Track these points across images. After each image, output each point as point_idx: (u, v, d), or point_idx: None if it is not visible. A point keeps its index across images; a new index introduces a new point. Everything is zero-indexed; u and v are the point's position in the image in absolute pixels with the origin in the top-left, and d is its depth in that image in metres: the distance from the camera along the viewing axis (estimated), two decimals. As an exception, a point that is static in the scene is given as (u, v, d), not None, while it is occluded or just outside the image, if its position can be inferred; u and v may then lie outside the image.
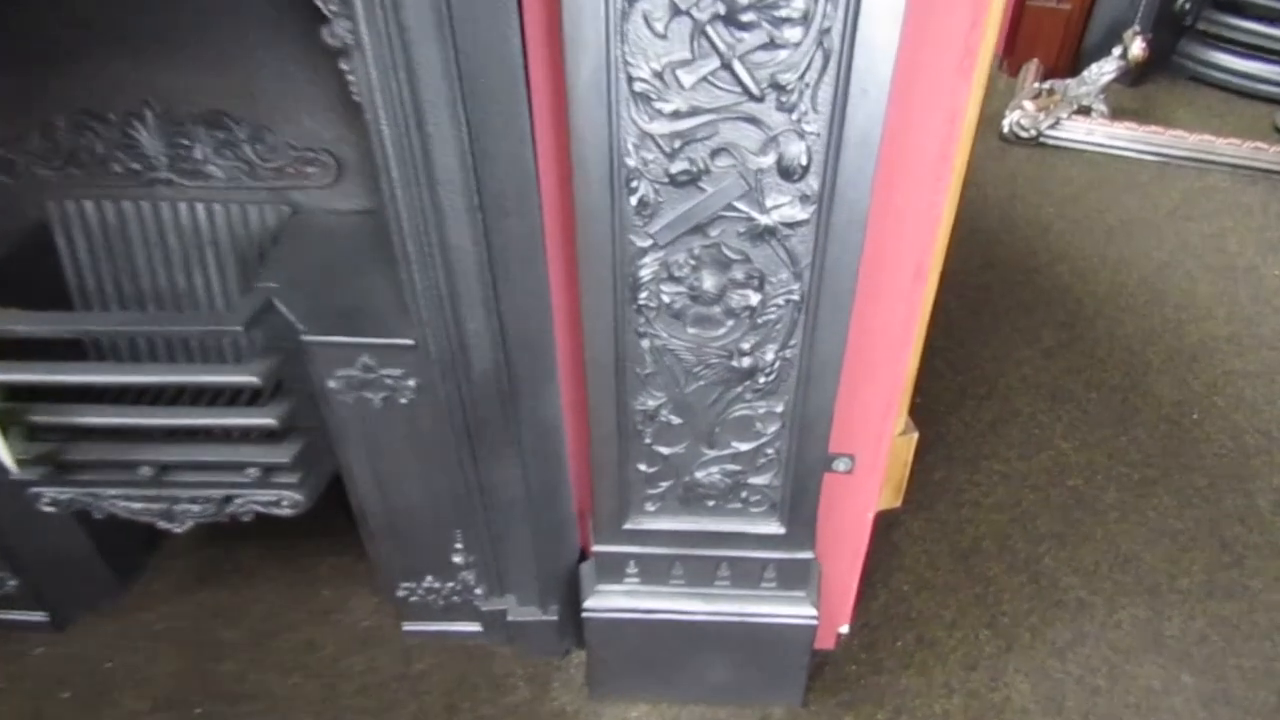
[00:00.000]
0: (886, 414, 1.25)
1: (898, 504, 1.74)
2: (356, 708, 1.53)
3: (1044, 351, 2.25)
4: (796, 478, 1.20)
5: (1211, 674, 1.55)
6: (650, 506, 1.26)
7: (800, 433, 1.15)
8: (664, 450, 1.18)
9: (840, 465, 1.29)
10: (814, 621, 1.36)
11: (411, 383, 1.22)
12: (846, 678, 1.56)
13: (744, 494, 1.24)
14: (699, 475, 1.21)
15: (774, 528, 1.27)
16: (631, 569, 1.34)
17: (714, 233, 0.96)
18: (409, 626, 1.60)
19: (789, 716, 1.50)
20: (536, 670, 1.57)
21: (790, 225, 0.96)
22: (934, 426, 2.00)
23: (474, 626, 1.59)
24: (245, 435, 1.40)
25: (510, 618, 1.52)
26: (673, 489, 1.23)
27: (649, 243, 0.98)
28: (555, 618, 1.52)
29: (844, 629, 1.58)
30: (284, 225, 1.37)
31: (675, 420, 1.15)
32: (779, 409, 1.13)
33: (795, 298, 1.02)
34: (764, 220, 0.95)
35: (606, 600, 1.36)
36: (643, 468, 1.21)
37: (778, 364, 1.08)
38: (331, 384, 1.22)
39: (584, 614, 1.37)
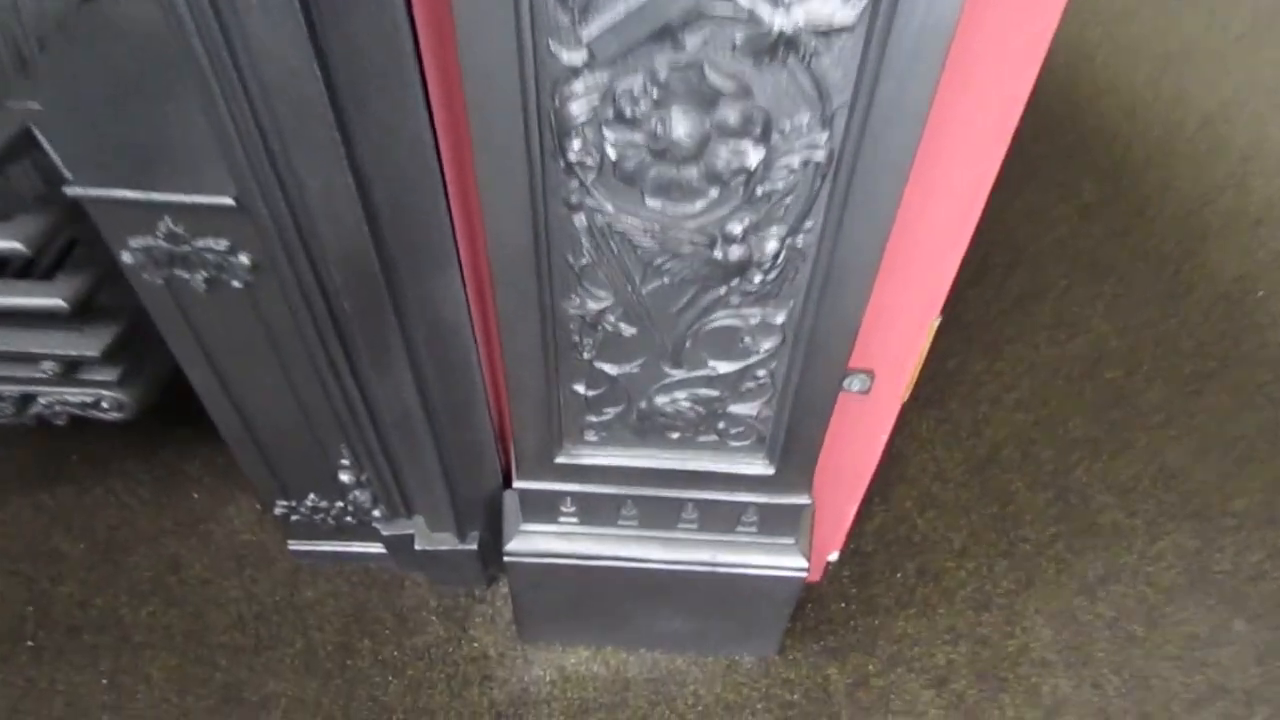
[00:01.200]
0: (925, 316, 0.89)
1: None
2: (228, 645, 1.23)
3: (1082, 209, 1.87)
4: (796, 407, 0.85)
5: (1269, 620, 1.29)
6: (592, 436, 0.91)
7: (807, 352, 0.79)
8: (610, 369, 0.83)
9: (854, 384, 0.94)
10: (803, 574, 1.05)
11: (243, 260, 0.84)
12: (832, 618, 1.28)
13: (721, 425, 0.89)
14: (660, 401, 0.86)
15: (760, 467, 0.93)
16: (568, 507, 1.01)
17: (691, 43, 0.57)
18: (296, 545, 1.29)
19: (761, 667, 1.23)
20: (454, 604, 1.27)
21: (824, 32, 0.56)
22: (948, 303, 1.65)
23: (376, 548, 1.27)
24: (43, 320, 1.01)
25: (419, 545, 1.20)
26: (623, 417, 0.89)
27: (582, 57, 0.58)
28: (474, 546, 1.20)
29: (833, 556, 1.29)
30: (68, 17, 0.93)
31: (627, 330, 0.78)
32: (778, 319, 0.77)
33: (819, 156, 0.64)
34: (778, 22, 0.56)
35: (534, 543, 1.04)
36: (580, 389, 0.85)
37: (783, 256, 0.71)
38: (126, 257, 0.83)
39: (506, 557, 1.05)
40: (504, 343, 0.80)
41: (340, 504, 1.19)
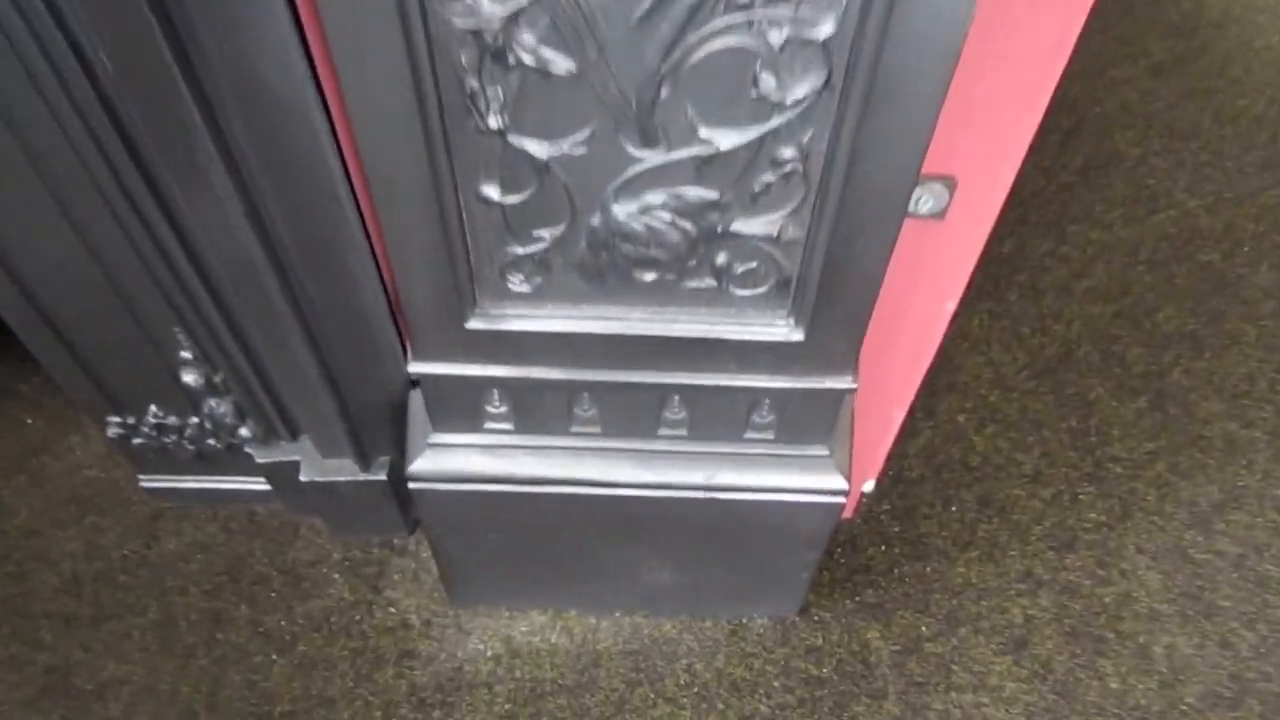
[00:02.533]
0: (1035, 96, 0.56)
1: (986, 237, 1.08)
2: (56, 616, 0.91)
3: (1152, 70, 1.53)
4: (843, 220, 0.52)
5: None
6: (519, 283, 0.59)
7: (867, 104, 0.46)
8: (536, 149, 0.50)
9: (925, 201, 0.61)
10: (840, 499, 0.73)
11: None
12: (870, 566, 0.96)
13: (722, 257, 0.56)
14: (621, 214, 0.53)
15: (781, 330, 0.61)
16: (496, 405, 0.68)
17: None
18: (150, 481, 0.96)
19: (777, 632, 0.92)
20: (364, 557, 0.95)
21: None
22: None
23: (261, 484, 0.95)
24: None
25: (305, 475, 0.87)
26: (565, 245, 0.56)
27: None
28: (384, 476, 0.88)
29: (868, 486, 0.97)
30: None
31: (557, 62, 0.45)
32: (821, 30, 0.44)
33: None
34: None
35: (448, 461, 0.72)
36: (492, 194, 0.52)
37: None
38: None
39: (410, 483, 0.73)
40: (347, 98, 0.47)
41: (195, 420, 0.86)
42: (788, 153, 0.50)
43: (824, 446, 0.71)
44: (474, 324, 0.61)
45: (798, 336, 0.61)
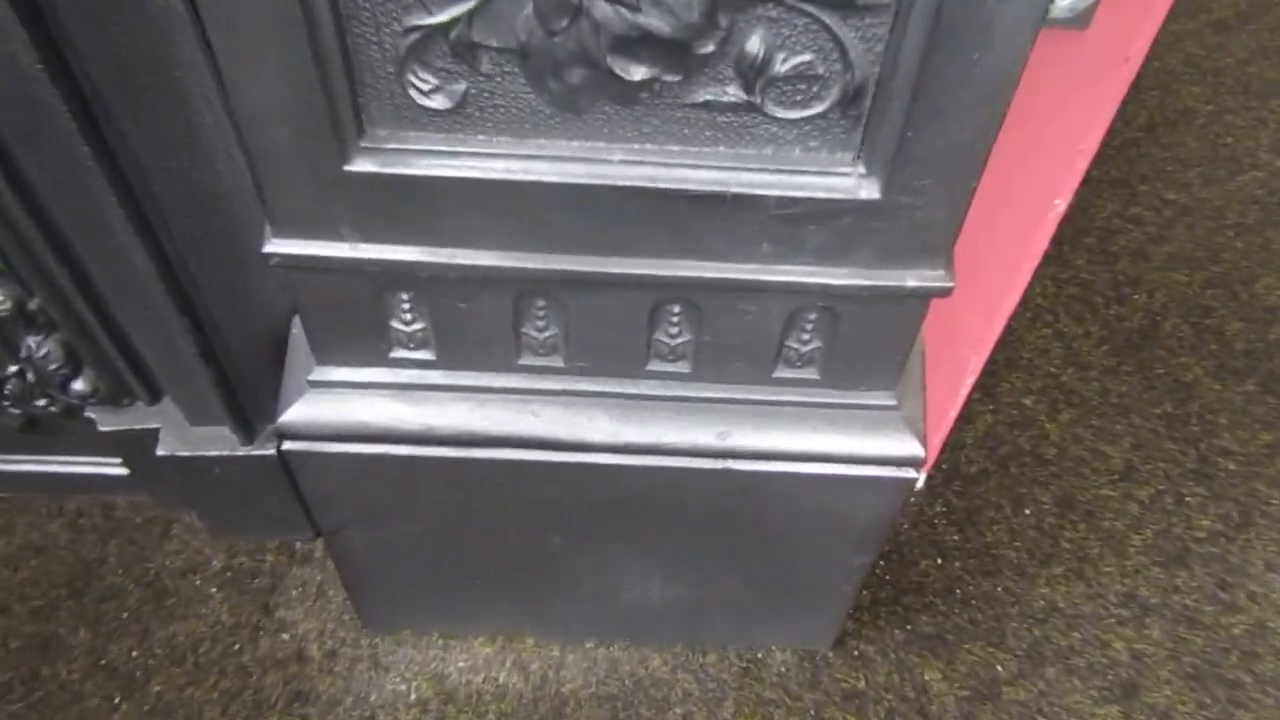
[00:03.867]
0: None
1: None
2: None
3: (1215, 25, 1.35)
4: None
5: None
6: (425, 86, 0.36)
7: None
8: None
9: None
10: (912, 474, 0.51)
11: None
12: (925, 585, 0.74)
13: (754, 43, 0.34)
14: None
15: (845, 177, 0.39)
16: (406, 320, 0.46)
17: None
18: (-28, 465, 0.72)
19: (803, 672, 0.68)
20: (252, 566, 0.72)
21: None
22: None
23: (112, 466, 0.71)
24: None
25: (165, 449, 0.64)
26: (499, 8, 0.33)
27: None
28: (274, 451, 0.65)
29: (919, 479, 0.74)
30: None
31: None
32: None
33: None
34: None
35: (335, 408, 0.49)
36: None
37: None
38: None
39: (283, 445, 0.50)
40: None
41: (14, 369, 0.63)
42: None
43: (889, 394, 0.49)
44: (359, 165, 0.38)
45: (870, 192, 0.39)
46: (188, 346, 0.57)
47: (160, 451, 0.64)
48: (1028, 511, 0.78)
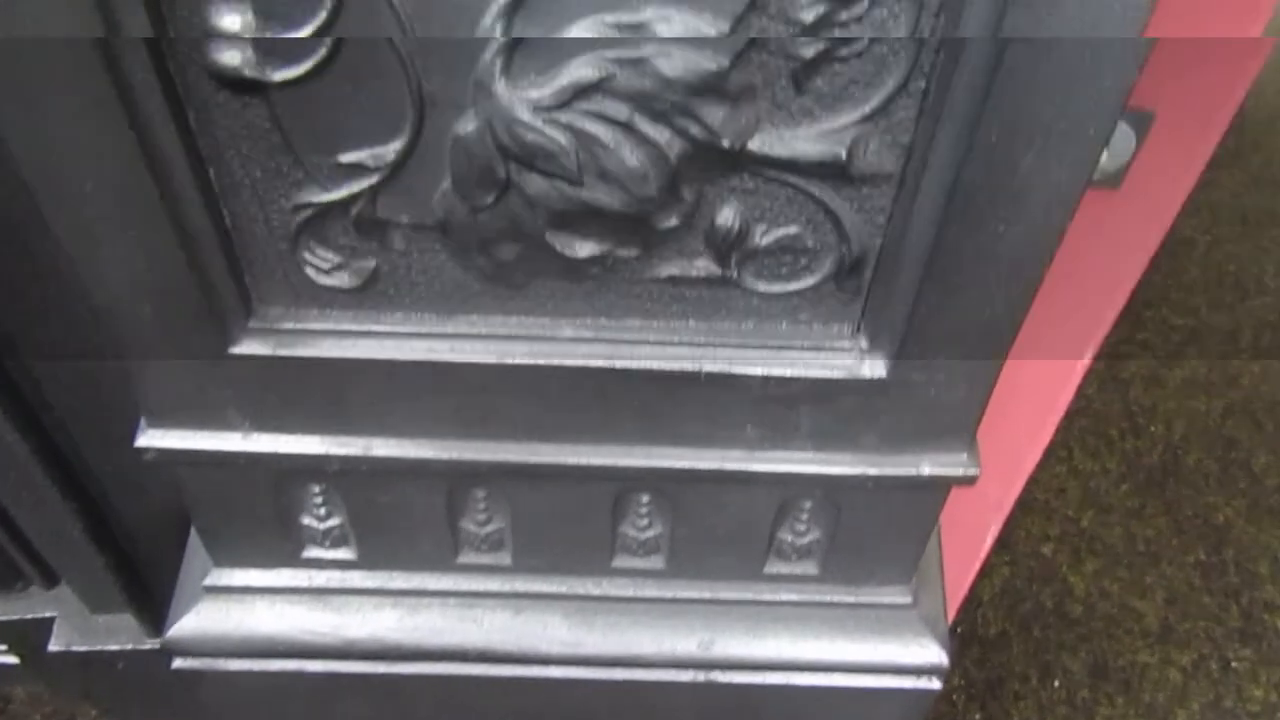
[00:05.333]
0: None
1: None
2: None
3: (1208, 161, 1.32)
4: (983, 136, 0.24)
5: None
6: (324, 264, 0.29)
7: None
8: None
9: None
10: (933, 684, 0.42)
11: None
12: (946, 774, 0.64)
13: (727, 215, 0.28)
14: (516, 103, 0.25)
15: (842, 355, 0.31)
16: (320, 516, 0.38)
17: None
18: None
19: None
20: (161, 769, 0.61)
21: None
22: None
23: (3, 654, 0.61)
24: None
25: (58, 645, 0.55)
26: (409, 176, 0.27)
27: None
28: (187, 642, 0.55)
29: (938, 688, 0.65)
30: None
31: None
32: None
33: None
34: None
35: (234, 618, 0.40)
36: (231, 60, 0.24)
37: None
38: None
39: (174, 663, 0.41)
40: None
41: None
42: None
43: (902, 589, 0.41)
44: (247, 347, 0.31)
45: (875, 370, 0.31)
46: (76, 531, 0.49)
47: (53, 647, 0.55)
48: (1057, 683, 0.69)
